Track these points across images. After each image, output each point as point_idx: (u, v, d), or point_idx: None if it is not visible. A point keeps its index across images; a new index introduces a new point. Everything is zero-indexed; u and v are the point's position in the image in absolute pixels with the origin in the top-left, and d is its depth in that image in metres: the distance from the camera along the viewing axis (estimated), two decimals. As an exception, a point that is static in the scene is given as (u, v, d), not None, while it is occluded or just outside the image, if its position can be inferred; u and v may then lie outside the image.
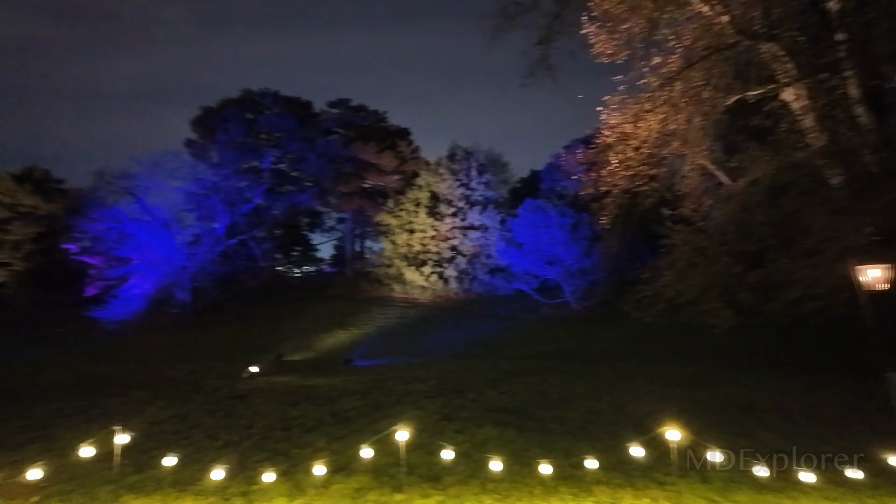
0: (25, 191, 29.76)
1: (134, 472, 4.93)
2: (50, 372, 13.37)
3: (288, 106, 40.19)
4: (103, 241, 27.87)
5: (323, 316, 23.73)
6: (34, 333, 23.26)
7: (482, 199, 30.23)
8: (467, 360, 15.87)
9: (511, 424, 7.68)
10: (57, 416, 7.82)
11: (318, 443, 6.44)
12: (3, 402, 8.91)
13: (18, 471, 4.35)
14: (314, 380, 12.50)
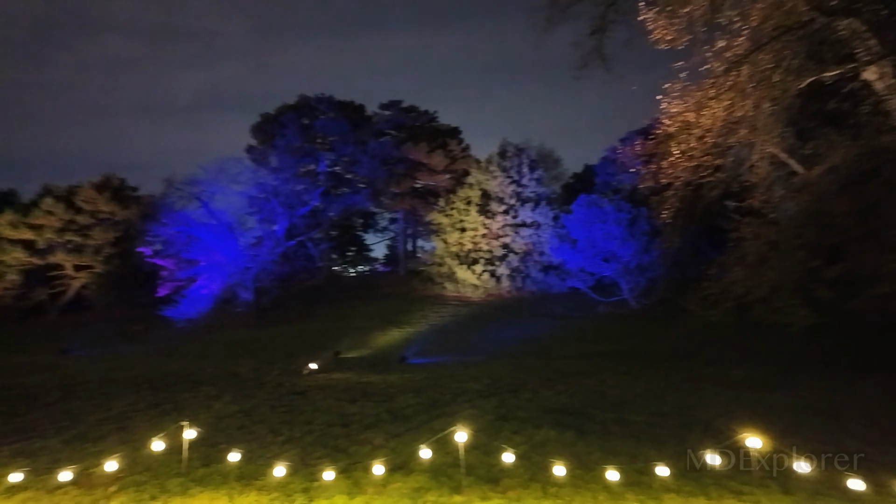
0: (104, 198, 31.92)
1: (202, 466, 5.12)
2: (127, 368, 14.24)
3: (342, 110, 41.19)
4: (173, 244, 29.55)
5: (377, 314, 24.11)
6: (113, 331, 24.91)
7: (534, 195, 29.78)
8: (521, 360, 15.65)
9: (570, 426, 7.47)
10: (133, 409, 8.29)
11: (376, 440, 6.49)
12: (87, 396, 9.55)
13: (98, 462, 4.60)
14: (371, 377, 12.69)
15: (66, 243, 30.48)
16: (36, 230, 29.99)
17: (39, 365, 15.04)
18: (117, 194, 32.91)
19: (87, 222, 31.34)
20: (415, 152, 35.73)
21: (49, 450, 5.69)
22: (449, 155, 36.30)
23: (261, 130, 41.28)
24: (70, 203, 31.02)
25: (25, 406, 8.37)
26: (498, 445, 6.26)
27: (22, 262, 29.59)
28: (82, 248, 30.69)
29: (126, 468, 4.83)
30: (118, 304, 30.89)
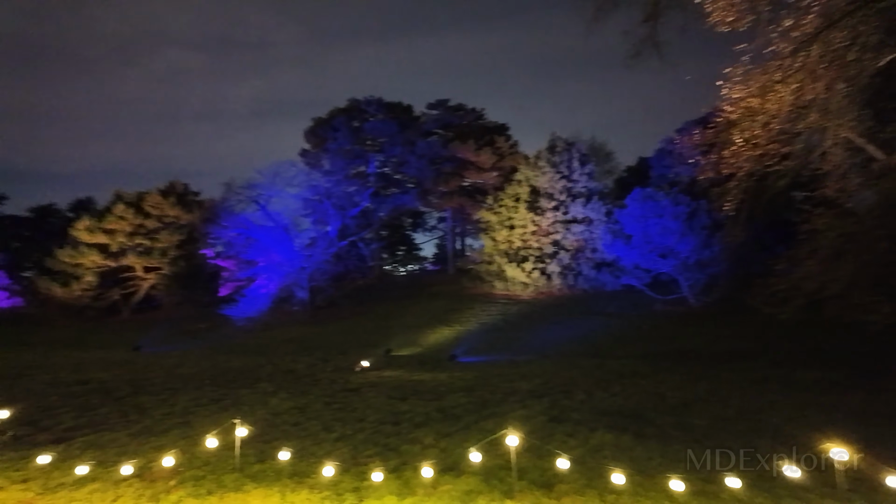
0: (169, 203, 33.73)
1: (257, 462, 5.23)
2: (191, 364, 14.95)
3: (390, 111, 41.69)
4: (233, 245, 30.86)
5: (427, 312, 24.22)
6: (179, 329, 26.28)
7: (585, 190, 29.05)
8: (573, 359, 15.27)
9: (627, 429, 7.17)
10: (195, 404, 8.64)
11: (426, 439, 6.45)
12: (154, 391, 10.06)
13: (160, 455, 4.78)
14: (421, 375, 12.73)
15: (136, 246, 32.41)
16: (109, 234, 32.05)
17: (114, 361, 16.01)
18: (181, 199, 34.68)
19: (155, 226, 33.20)
20: (462, 150, 35.66)
21: (117, 442, 6.00)
22: (497, 152, 36.01)
23: (313, 134, 42.36)
24: (139, 208, 32.97)
25: (99, 400, 8.90)
26: (551, 449, 6.08)
27: (98, 264, 31.72)
28: (150, 251, 32.55)
29: (186, 462, 5.01)
30: (184, 303, 32.59)
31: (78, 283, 31.12)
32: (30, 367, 13.42)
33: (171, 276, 32.60)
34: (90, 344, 22.98)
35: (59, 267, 31.75)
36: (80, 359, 16.48)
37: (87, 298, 31.54)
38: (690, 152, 15.61)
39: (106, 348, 21.22)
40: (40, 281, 31.62)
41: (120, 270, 32.67)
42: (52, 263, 32.02)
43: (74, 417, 7.36)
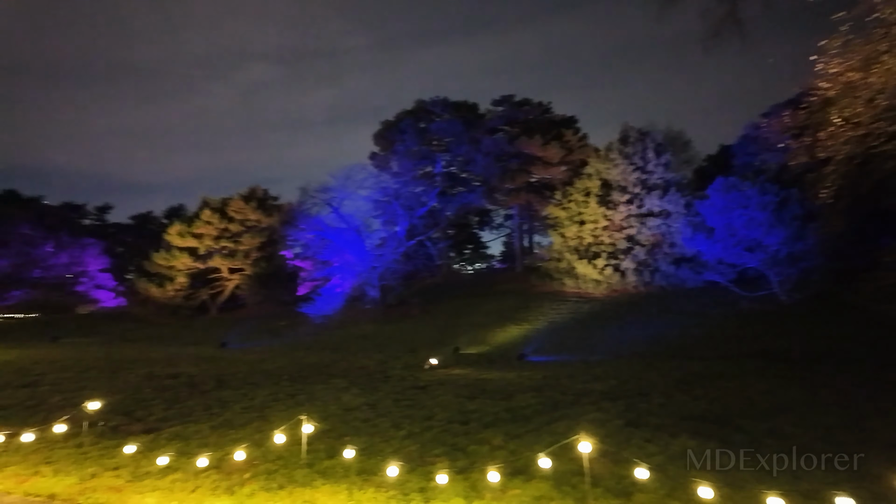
0: (251, 208, 35.74)
1: (326, 457, 5.31)
2: (271, 360, 15.69)
3: (456, 111, 41.81)
4: (310, 247, 32.20)
5: (495, 311, 24.01)
6: (261, 327, 27.75)
7: (661, 182, 27.62)
8: (650, 360, 14.51)
9: (712, 436, 6.65)
10: (272, 399, 9.01)
11: (494, 440, 6.31)
12: (236, 385, 10.61)
13: (237, 448, 4.96)
14: (490, 373, 12.59)
15: (222, 249, 34.63)
16: (197, 238, 34.45)
17: (202, 356, 17.13)
18: (261, 204, 36.65)
19: (238, 230, 35.31)
20: (529, 146, 35.05)
21: (199, 434, 6.34)
22: (565, 146, 35.09)
23: (382, 137, 43.30)
24: (223, 213, 35.21)
25: (187, 393, 9.50)
26: (628, 455, 5.74)
27: (188, 266, 34.20)
28: (234, 253, 34.66)
29: (260, 456, 5.18)
30: (265, 302, 34.46)
31: (171, 284, 33.70)
32: (129, 361, 14.62)
33: (254, 276, 34.54)
34: (183, 340, 24.79)
35: (155, 269, 34.56)
36: (173, 354, 17.76)
37: (180, 298, 34.10)
38: (779, 137, 14.33)
39: (196, 344, 22.78)
40: (139, 282, 34.54)
41: (208, 272, 35.06)
42: (149, 266, 34.92)
43: (164, 409, 7.88)
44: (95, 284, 49.55)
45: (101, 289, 49.71)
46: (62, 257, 46.64)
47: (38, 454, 5.26)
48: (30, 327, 31.52)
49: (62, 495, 4.27)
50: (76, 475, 4.62)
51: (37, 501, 4.15)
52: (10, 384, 9.82)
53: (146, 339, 25.80)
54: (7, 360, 14.20)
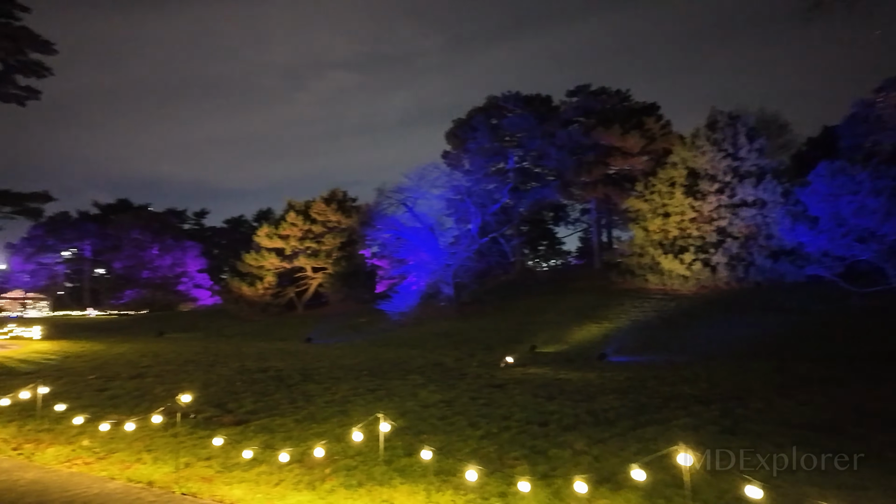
0: (331, 210, 37.19)
1: (405, 455, 5.28)
2: (352, 356, 16.16)
3: (528, 105, 41.09)
4: (386, 246, 33.00)
5: (572, 309, 23.29)
6: (343, 323, 28.78)
7: (755, 169, 25.53)
8: (745, 361, 13.41)
9: (825, 448, 5.94)
10: (353, 393, 9.21)
11: (577, 444, 6.01)
12: (320, 379, 10.96)
13: (319, 442, 5.05)
14: (568, 373, 12.17)
15: (306, 249, 36.30)
16: (283, 239, 36.35)
17: (289, 351, 18.00)
18: (341, 205, 38.04)
19: (320, 231, 36.88)
20: (606, 136, 33.70)
21: (284, 427, 6.56)
22: (646, 135, 33.39)
23: (454, 136, 43.45)
24: (307, 215, 36.90)
25: (274, 386, 9.95)
26: (729, 467, 5.25)
27: (276, 266, 36.17)
28: (317, 253, 36.22)
29: (341, 451, 5.25)
30: (346, 299, 35.76)
31: (261, 283, 35.79)
32: (224, 356, 15.64)
33: (335, 275, 35.93)
34: (272, 336, 26.24)
35: (246, 269, 36.88)
36: (263, 349, 18.81)
37: (269, 296, 36.15)
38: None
39: (284, 340, 24.03)
40: (232, 281, 37.00)
41: (294, 271, 36.93)
42: (241, 266, 37.32)
43: (253, 402, 8.28)
44: (195, 284, 53.93)
45: (200, 288, 54.01)
46: (166, 259, 51.17)
47: (141, 442, 5.67)
48: (140, 323, 34.78)
49: (159, 483, 4.54)
50: (172, 464, 4.90)
51: (137, 488, 4.43)
52: (119, 375, 10.79)
53: (240, 334, 27.56)
54: (119, 352, 15.67)
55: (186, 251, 53.02)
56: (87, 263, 58.81)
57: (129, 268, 50.47)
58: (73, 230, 56.53)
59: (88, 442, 5.68)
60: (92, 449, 5.52)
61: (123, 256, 50.55)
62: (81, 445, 5.62)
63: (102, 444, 5.65)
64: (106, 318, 42.32)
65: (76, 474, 4.78)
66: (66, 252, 58.49)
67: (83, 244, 57.99)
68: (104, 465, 5.07)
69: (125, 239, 50.58)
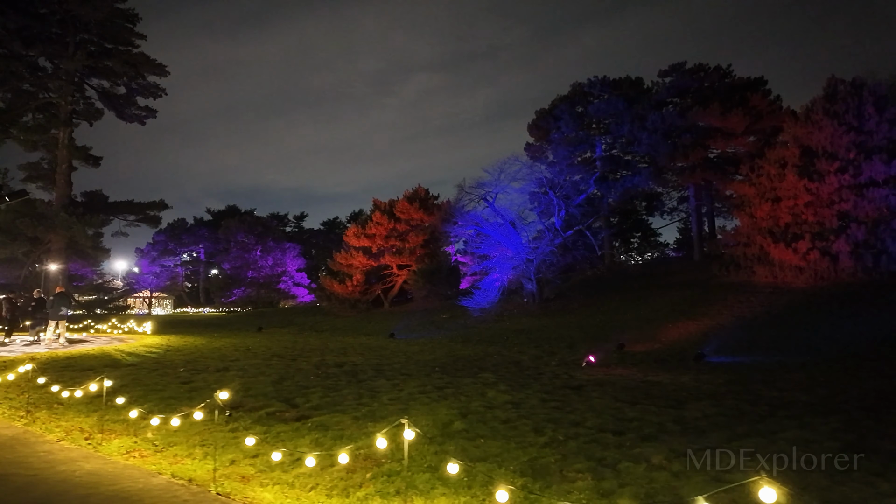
0: (414, 208, 37.69)
1: (456, 460, 4.85)
2: (429, 351, 16.02)
3: (616, 89, 38.93)
4: (468, 242, 32.76)
5: (667, 304, 21.53)
6: (426, 319, 28.97)
7: (887, 143, 22.09)
8: (877, 364, 11.46)
9: None
10: (420, 391, 8.93)
11: (654, 458, 5.24)
12: (391, 375, 10.84)
13: (371, 442, 4.76)
14: (658, 375, 11.07)
15: (391, 247, 37.12)
16: (370, 238, 37.42)
17: (371, 346, 18.28)
18: (423, 203, 38.44)
19: (404, 229, 37.54)
20: (705, 116, 30.95)
21: (341, 425, 6.38)
22: (750, 112, 30.24)
23: (536, 127, 42.27)
24: (391, 214, 37.72)
25: (346, 381, 9.95)
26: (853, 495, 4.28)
27: (364, 264, 37.33)
28: (402, 251, 36.90)
29: (388, 454, 4.93)
30: (430, 296, 36.04)
31: (350, 281, 37.12)
32: (309, 350, 16.16)
33: (419, 271, 36.35)
34: (360, 331, 27.00)
35: (337, 267, 38.44)
36: (348, 344, 19.28)
37: (358, 293, 37.41)
38: None
39: (369, 335, 24.57)
40: (325, 279, 38.74)
41: (380, 268, 37.92)
42: (332, 265, 38.98)
43: (321, 397, 8.27)
44: (294, 282, 57.28)
45: (299, 286, 57.28)
46: (268, 260, 54.81)
47: (199, 436, 5.73)
48: (244, 319, 37.43)
49: (198, 480, 4.48)
50: (219, 461, 4.84)
51: (177, 484, 4.39)
52: (208, 368, 11.38)
53: (330, 329, 28.67)
54: (216, 346, 16.74)
55: (286, 252, 56.43)
56: (201, 265, 64.74)
57: (236, 268, 54.67)
58: (190, 235, 62.42)
59: (152, 434, 5.85)
60: (153, 441, 5.68)
61: (231, 258, 54.86)
62: (145, 437, 5.81)
63: (164, 437, 5.79)
64: (216, 314, 46.19)
65: (130, 466, 4.88)
66: (184, 255, 64.85)
67: (198, 248, 63.91)
68: (158, 458, 5.16)
69: (232, 242, 54.86)
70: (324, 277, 39.59)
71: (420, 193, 39.61)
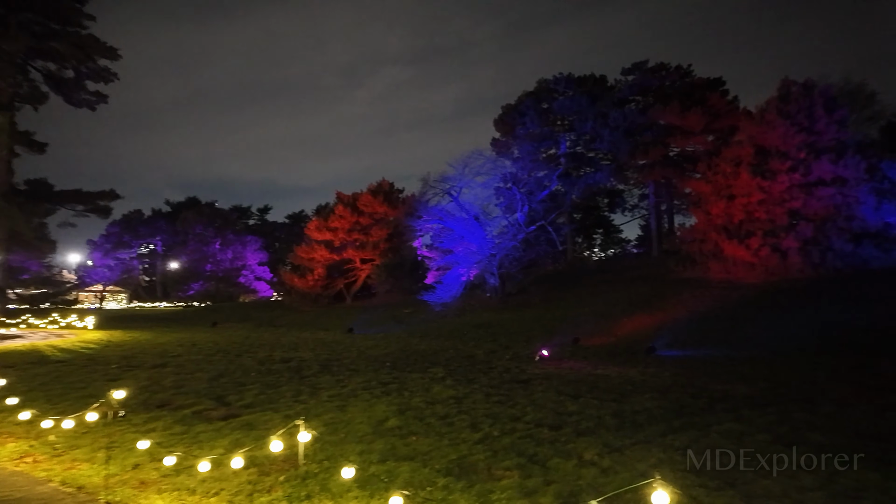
0: (378, 201, 37.21)
1: (378, 461, 4.62)
2: (383, 346, 15.72)
3: (581, 86, 39.26)
4: (432, 236, 32.52)
5: (624, 299, 21.81)
6: (388, 314, 28.62)
7: (834, 143, 22.86)
8: (818, 358, 11.79)
9: (907, 468, 4.74)
10: (363, 387, 8.66)
11: (587, 453, 5.13)
12: (337, 371, 10.53)
13: (292, 444, 4.45)
14: (607, 369, 11.10)
15: (354, 241, 36.56)
16: (332, 231, 36.76)
17: (325, 341, 17.86)
18: (387, 197, 38.00)
19: (368, 222, 37.03)
20: (665, 115, 31.50)
21: (269, 424, 6.06)
22: (709, 112, 30.93)
23: (502, 122, 42.28)
24: (354, 207, 37.14)
25: (287, 377, 9.59)
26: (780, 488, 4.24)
27: (325, 258, 36.65)
28: (365, 245, 36.40)
29: (310, 455, 4.65)
30: (393, 290, 35.66)
31: (311, 275, 36.41)
32: (258, 345, 15.65)
33: (382, 266, 35.91)
34: (319, 326, 26.44)
35: (298, 261, 37.65)
36: (302, 338, 18.80)
37: (319, 287, 36.70)
38: None
39: (328, 330, 24.09)
40: (285, 273, 37.89)
41: (343, 263, 37.30)
42: (293, 258, 38.15)
43: (256, 394, 7.91)
44: (255, 276, 55.96)
45: (260, 280, 56.01)
46: (228, 253, 53.35)
47: (109, 438, 5.33)
48: (200, 314, 36.28)
49: (90, 487, 4.12)
50: (122, 465, 4.47)
51: (64, 492, 4.02)
52: (143, 365, 10.83)
53: (288, 324, 27.99)
54: (161, 342, 16.05)
55: (247, 245, 55.04)
56: (158, 258, 62.51)
57: (193, 261, 53.03)
58: (146, 227, 60.17)
59: (55, 437, 5.41)
60: (54, 444, 5.24)
61: (189, 251, 53.18)
62: (46, 441, 5.36)
63: (68, 440, 5.36)
64: (173, 309, 44.66)
65: (17, 473, 4.47)
66: (141, 248, 62.50)
67: (155, 240, 61.68)
68: (53, 463, 4.74)
69: (190, 234, 53.16)
70: (284, 271, 38.71)
71: (384, 187, 39.12)
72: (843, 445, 5.56)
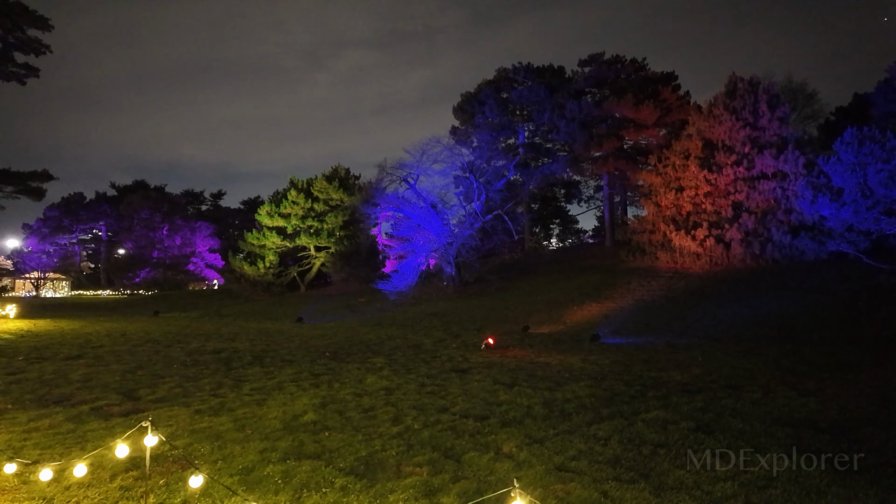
0: (333, 187, 36.29)
1: (279, 461, 4.28)
2: (329, 336, 15.28)
3: (539, 76, 39.30)
4: (389, 224, 31.99)
5: (576, 288, 22.05)
6: (342, 303, 28.05)
7: (776, 139, 23.67)
8: (753, 345, 12.11)
9: (820, 452, 4.76)
10: (292, 379, 8.27)
11: (506, 445, 4.95)
12: (269, 363, 10.09)
13: (188, 442, 4.03)
14: (550, 356, 11.06)
15: (308, 228, 35.58)
16: (285, 218, 35.69)
17: (269, 331, 17.23)
18: (343, 183, 37.12)
19: (322, 209, 36.09)
20: (619, 107, 31.88)
21: (175, 420, 5.62)
22: (661, 105, 31.48)
23: (462, 110, 41.93)
24: (308, 193, 36.12)
25: (212, 370, 9.06)
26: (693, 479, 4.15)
27: (277, 245, 35.60)
28: (320, 232, 35.48)
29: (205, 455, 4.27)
30: (349, 279, 35.05)
31: (262, 262, 35.31)
32: (193, 336, 14.91)
33: (337, 254, 35.19)
34: (268, 315, 25.62)
35: (248, 248, 36.42)
36: (246, 328, 18.09)
37: (271, 275, 35.65)
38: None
39: (277, 319, 23.34)
40: (234, 261, 36.60)
41: (296, 250, 36.33)
42: (243, 245, 36.88)
43: (172, 387, 7.41)
44: (206, 264, 53.95)
45: (211, 268, 54.05)
46: (176, 239, 51.17)
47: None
48: (144, 303, 34.67)
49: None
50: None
51: None
52: (56, 356, 10.07)
53: (237, 314, 27.03)
54: (88, 332, 15.09)
55: (196, 231, 52.96)
56: (103, 244, 59.43)
57: (139, 248, 50.68)
58: (89, 211, 57.03)
59: None
60: None
61: (134, 237, 50.76)
62: None
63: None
64: (116, 297, 42.56)
65: None
66: (83, 234, 59.22)
67: (99, 225, 58.58)
68: None
69: (136, 219, 50.72)
70: (233, 259, 37.36)
71: (340, 172, 38.24)
72: (762, 434, 5.59)
